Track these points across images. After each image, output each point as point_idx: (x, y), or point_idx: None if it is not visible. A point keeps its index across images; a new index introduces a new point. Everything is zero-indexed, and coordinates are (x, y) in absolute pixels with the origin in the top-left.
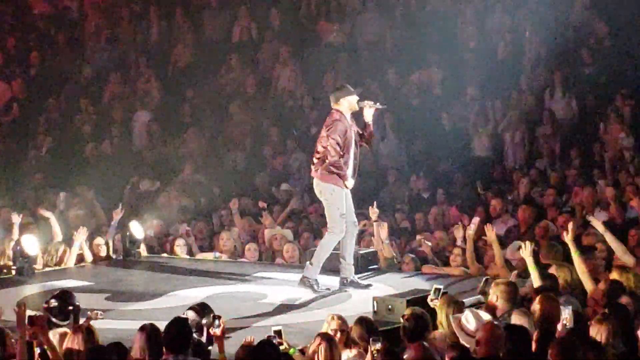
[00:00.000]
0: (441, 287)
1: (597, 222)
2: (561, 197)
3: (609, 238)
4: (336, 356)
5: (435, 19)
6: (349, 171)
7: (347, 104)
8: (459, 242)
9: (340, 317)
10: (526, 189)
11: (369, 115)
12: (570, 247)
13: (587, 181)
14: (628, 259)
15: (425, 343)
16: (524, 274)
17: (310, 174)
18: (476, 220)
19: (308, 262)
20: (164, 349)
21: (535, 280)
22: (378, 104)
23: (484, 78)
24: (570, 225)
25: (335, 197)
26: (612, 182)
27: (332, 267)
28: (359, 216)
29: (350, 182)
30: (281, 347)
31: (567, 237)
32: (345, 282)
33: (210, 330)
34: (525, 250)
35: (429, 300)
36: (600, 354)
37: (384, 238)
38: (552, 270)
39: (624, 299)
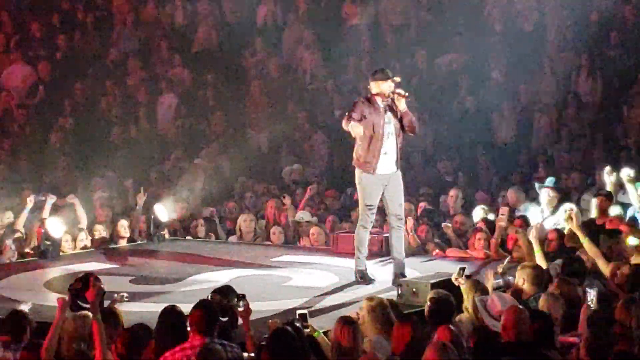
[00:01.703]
0: (465, 266)
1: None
2: (586, 180)
3: None
4: (358, 339)
5: (461, 2)
6: (373, 158)
7: (375, 88)
8: (482, 226)
9: (374, 299)
10: (551, 172)
11: (400, 104)
12: (578, 235)
13: (613, 164)
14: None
15: (452, 326)
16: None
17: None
18: (505, 209)
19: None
20: (188, 332)
21: (541, 262)
22: (404, 93)
23: (510, 61)
24: (573, 214)
25: (363, 187)
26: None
27: (352, 249)
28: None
29: (379, 169)
30: (306, 330)
31: (573, 225)
32: (396, 276)
33: (235, 310)
34: (533, 231)
35: (453, 278)
36: (631, 339)
37: (410, 229)
38: (579, 253)
39: None
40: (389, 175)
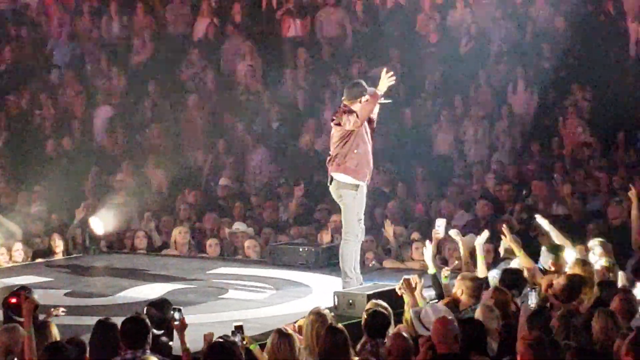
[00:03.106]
0: (410, 277)
1: (542, 220)
2: (521, 191)
3: (554, 235)
4: (295, 351)
5: (397, 14)
6: (366, 167)
7: (357, 103)
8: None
9: (318, 312)
10: (486, 183)
11: (375, 111)
12: (514, 248)
13: (547, 175)
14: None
15: (404, 333)
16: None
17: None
18: (442, 221)
19: (342, 279)
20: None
21: (481, 270)
22: (382, 99)
23: (446, 73)
24: (504, 228)
25: (358, 200)
26: (572, 177)
27: (289, 260)
28: (323, 212)
29: (367, 178)
30: (242, 343)
31: (507, 239)
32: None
33: (171, 323)
34: (479, 238)
35: (397, 288)
36: (559, 352)
37: None
38: (513, 264)
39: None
40: (366, 185)
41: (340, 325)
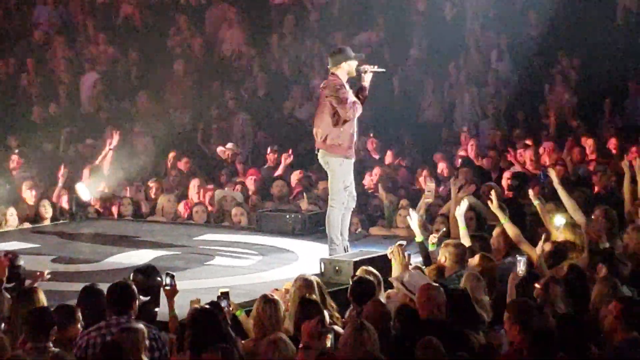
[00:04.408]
0: (404, 243)
1: (554, 175)
2: (506, 157)
3: (562, 193)
4: (280, 317)
5: None
6: (352, 143)
7: (347, 68)
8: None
9: (304, 279)
10: (473, 150)
11: (367, 79)
12: (499, 216)
13: (533, 142)
14: (579, 217)
15: (381, 299)
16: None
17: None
18: (432, 187)
19: (328, 246)
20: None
21: (464, 239)
22: (375, 67)
23: (432, 40)
24: (493, 194)
25: (343, 170)
26: (557, 143)
27: (275, 227)
28: (308, 178)
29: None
30: (228, 309)
31: (493, 206)
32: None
33: (163, 287)
34: (458, 209)
35: (388, 253)
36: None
37: None
38: (497, 230)
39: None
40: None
41: (313, 297)
